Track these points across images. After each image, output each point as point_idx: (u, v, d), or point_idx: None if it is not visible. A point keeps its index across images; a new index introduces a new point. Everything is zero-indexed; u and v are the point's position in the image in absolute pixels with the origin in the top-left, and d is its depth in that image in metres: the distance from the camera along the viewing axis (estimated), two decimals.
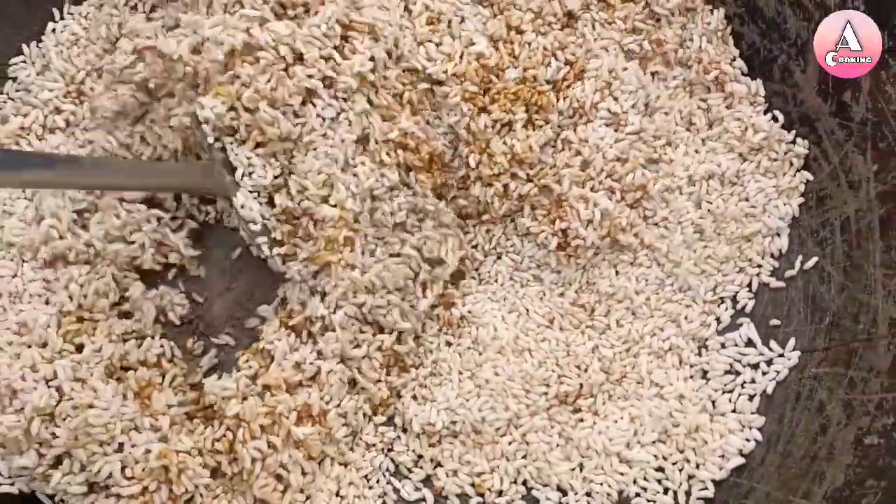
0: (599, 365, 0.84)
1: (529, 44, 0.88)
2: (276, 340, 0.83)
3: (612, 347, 0.85)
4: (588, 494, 0.81)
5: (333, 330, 0.81)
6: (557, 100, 0.88)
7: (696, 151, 0.91)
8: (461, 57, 0.85)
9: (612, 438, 0.82)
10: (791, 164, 0.89)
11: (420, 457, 0.84)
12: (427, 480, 0.84)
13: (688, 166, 0.90)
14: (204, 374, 0.85)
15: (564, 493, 0.81)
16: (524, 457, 0.82)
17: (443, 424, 0.82)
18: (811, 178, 0.87)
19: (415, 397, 0.84)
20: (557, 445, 0.82)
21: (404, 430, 0.84)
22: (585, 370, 0.84)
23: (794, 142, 0.89)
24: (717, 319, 0.87)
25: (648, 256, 0.88)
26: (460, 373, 0.85)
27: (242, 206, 0.78)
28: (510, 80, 0.87)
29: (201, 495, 0.78)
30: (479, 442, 0.83)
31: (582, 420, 0.83)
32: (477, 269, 0.89)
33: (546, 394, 0.83)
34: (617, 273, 0.87)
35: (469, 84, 0.85)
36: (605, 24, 0.92)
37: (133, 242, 0.85)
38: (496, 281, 0.89)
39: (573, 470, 0.82)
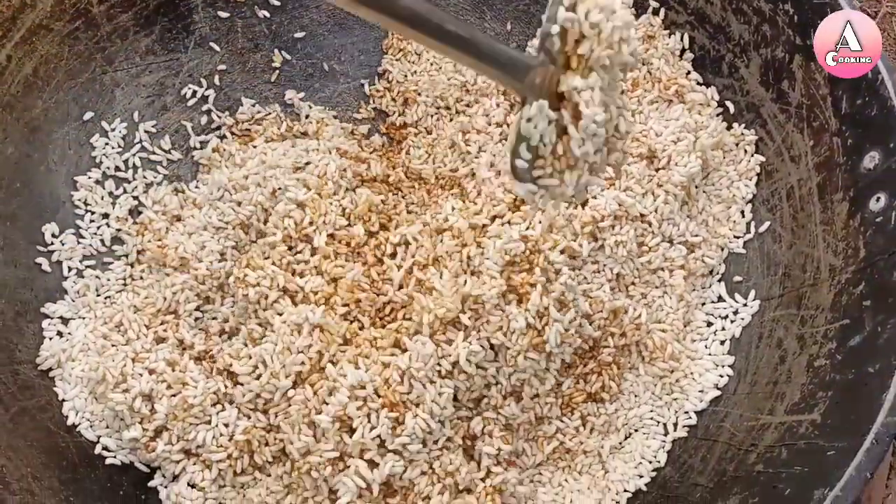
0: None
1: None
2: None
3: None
4: None
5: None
6: None
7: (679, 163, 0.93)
8: None
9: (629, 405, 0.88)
10: (745, 151, 0.95)
11: None
12: None
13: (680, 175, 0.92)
14: None
15: None
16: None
17: None
18: (763, 159, 0.94)
19: None
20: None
21: None
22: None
23: (742, 134, 0.95)
24: (702, 286, 0.94)
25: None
26: None
27: (529, 120, 0.61)
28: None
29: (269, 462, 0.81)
30: None
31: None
32: None
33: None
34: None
35: None
36: None
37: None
38: None
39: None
